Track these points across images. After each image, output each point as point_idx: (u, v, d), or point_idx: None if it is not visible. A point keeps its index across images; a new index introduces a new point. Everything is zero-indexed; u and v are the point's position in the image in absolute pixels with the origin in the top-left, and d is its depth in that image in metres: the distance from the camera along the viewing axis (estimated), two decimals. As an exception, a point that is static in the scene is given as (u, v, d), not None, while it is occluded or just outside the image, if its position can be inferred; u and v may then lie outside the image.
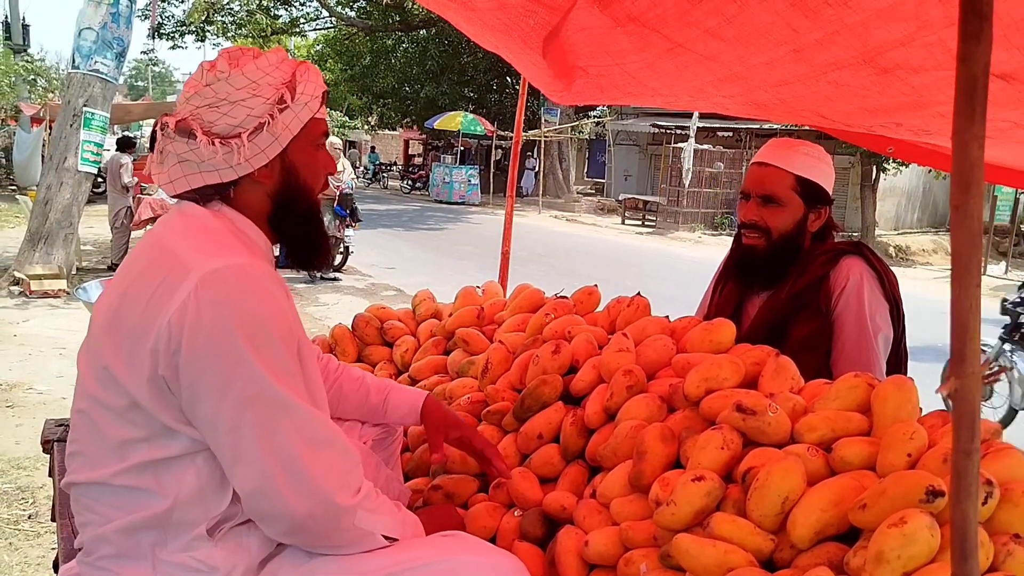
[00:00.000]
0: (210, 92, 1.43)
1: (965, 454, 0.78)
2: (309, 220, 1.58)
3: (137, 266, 1.46)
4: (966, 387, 0.77)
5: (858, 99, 1.84)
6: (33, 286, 8.94)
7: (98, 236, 13.96)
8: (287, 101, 1.45)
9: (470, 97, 30.36)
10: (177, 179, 1.46)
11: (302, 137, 1.50)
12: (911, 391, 1.54)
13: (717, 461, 1.54)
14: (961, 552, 0.80)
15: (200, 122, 1.43)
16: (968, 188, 0.75)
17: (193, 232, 1.44)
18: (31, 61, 29.80)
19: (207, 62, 1.48)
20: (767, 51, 1.57)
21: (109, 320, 1.41)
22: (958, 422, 0.78)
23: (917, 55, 1.45)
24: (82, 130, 9.47)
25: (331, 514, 1.37)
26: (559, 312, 2.29)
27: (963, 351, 0.77)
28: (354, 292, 10.64)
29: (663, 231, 21.76)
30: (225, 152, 1.42)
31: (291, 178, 1.52)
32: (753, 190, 2.30)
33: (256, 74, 1.44)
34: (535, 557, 1.70)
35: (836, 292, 2.24)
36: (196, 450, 1.38)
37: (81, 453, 1.46)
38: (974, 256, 0.76)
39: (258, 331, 1.33)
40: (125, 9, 9.59)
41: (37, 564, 3.49)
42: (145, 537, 1.39)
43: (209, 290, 1.32)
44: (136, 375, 1.35)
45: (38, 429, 2.56)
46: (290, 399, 1.35)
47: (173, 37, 27.32)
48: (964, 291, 0.77)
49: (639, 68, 1.85)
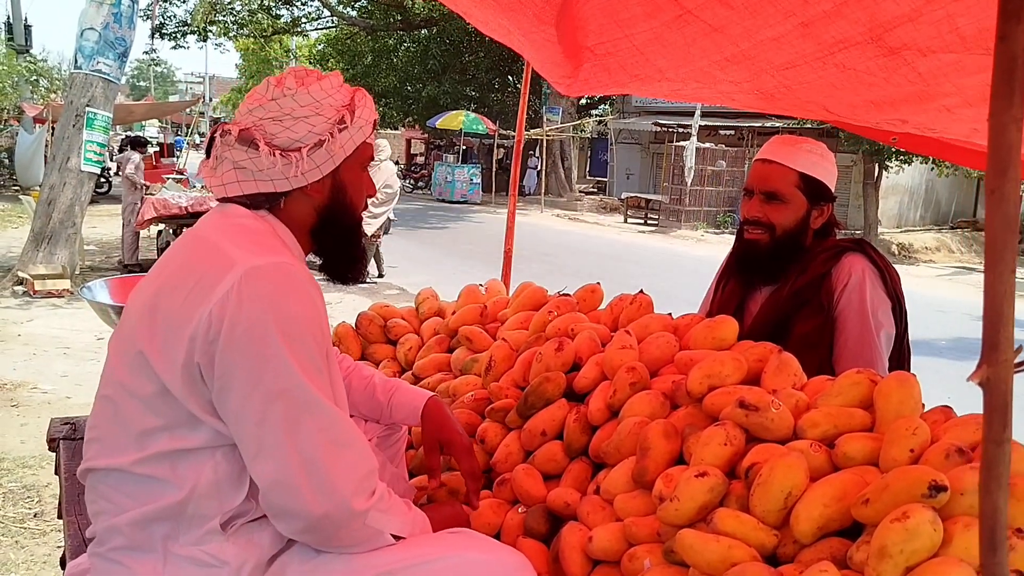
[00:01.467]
0: (275, 106, 1.50)
1: (996, 443, 0.77)
2: (350, 236, 1.65)
3: (177, 259, 1.51)
4: (998, 375, 0.75)
5: (864, 88, 1.84)
6: (37, 286, 8.96)
7: (101, 236, 13.98)
8: (347, 122, 1.53)
9: (472, 96, 30.34)
10: (230, 184, 1.52)
11: (353, 158, 1.58)
12: (913, 387, 1.54)
13: (720, 457, 1.54)
14: (990, 544, 0.78)
15: (263, 133, 1.50)
16: (1004, 171, 0.73)
17: (236, 231, 1.49)
18: (34, 61, 29.81)
19: (274, 78, 1.56)
20: (775, 24, 1.57)
21: (147, 308, 1.45)
22: (989, 412, 0.77)
23: (924, 33, 1.45)
24: (85, 130, 9.48)
25: (345, 517, 1.39)
26: (562, 310, 2.30)
27: (996, 338, 0.75)
28: (357, 291, 10.64)
29: (665, 229, 21.75)
30: (284, 164, 1.49)
31: (339, 195, 1.59)
32: (756, 187, 2.31)
33: (320, 94, 1.52)
34: (539, 553, 1.71)
35: (838, 289, 2.24)
36: (217, 444, 1.41)
37: (100, 439, 1.49)
38: (1010, 241, 0.74)
39: (294, 329, 1.37)
40: (127, 9, 9.60)
41: (43, 562, 3.50)
42: (158, 529, 1.41)
43: (251, 285, 1.37)
44: (170, 361, 1.39)
45: (43, 428, 2.57)
46: (318, 398, 1.39)
47: (175, 37, 27.38)
48: (998, 277, 0.75)
49: (647, 41, 1.84)
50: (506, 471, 1.95)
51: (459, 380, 2.30)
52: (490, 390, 2.14)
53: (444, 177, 27.51)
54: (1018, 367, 0.79)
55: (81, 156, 9.56)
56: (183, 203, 10.35)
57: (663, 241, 19.69)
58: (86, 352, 6.66)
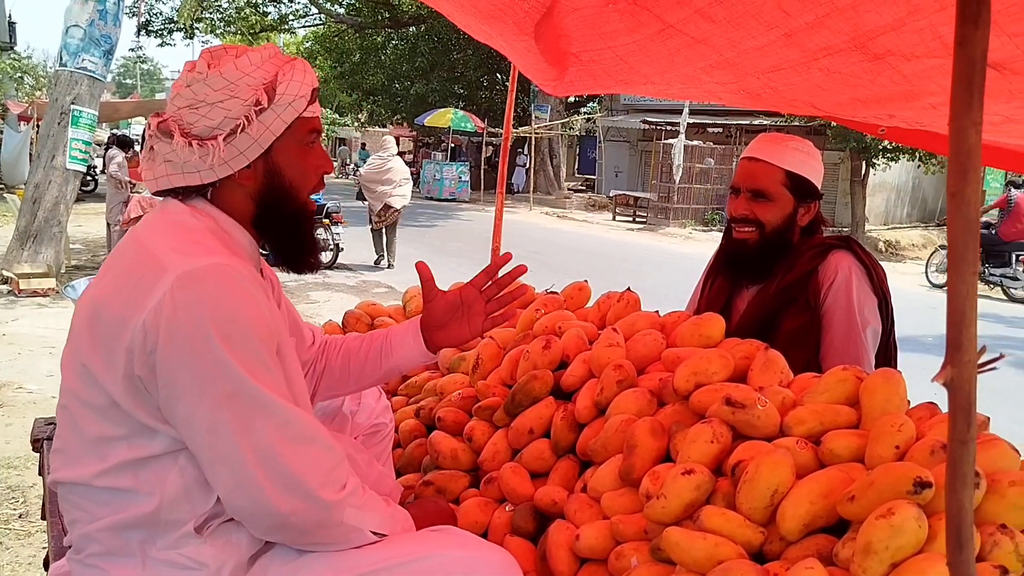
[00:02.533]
0: (190, 93, 1.42)
1: (961, 443, 0.78)
2: (295, 222, 1.56)
3: (117, 264, 1.45)
4: (962, 376, 0.76)
5: (850, 88, 1.84)
6: (22, 285, 8.89)
7: (87, 234, 13.89)
8: (264, 103, 1.43)
9: (460, 94, 30.30)
10: (160, 178, 1.46)
11: (287, 137, 1.48)
12: (899, 384, 1.55)
13: (707, 454, 1.54)
14: (956, 541, 0.79)
15: (180, 123, 1.42)
16: (965, 175, 0.73)
17: (172, 231, 1.42)
18: (18, 59, 29.61)
19: (189, 62, 1.46)
20: (758, 35, 1.57)
21: (88, 317, 1.41)
22: (954, 411, 0.78)
23: (908, 41, 1.45)
24: (70, 128, 9.42)
25: (316, 510, 1.36)
26: (549, 308, 2.30)
27: (959, 339, 0.76)
28: (345, 289, 10.62)
29: (654, 227, 21.78)
30: (201, 153, 1.41)
31: (275, 180, 1.49)
32: (743, 185, 2.31)
33: (234, 74, 1.42)
34: (526, 551, 1.71)
35: (825, 286, 2.25)
36: (177, 448, 1.37)
37: (62, 450, 1.45)
38: (971, 244, 0.75)
39: (234, 331, 1.32)
40: (113, 6, 9.54)
41: (28, 563, 3.47)
42: (134, 535, 1.39)
43: (184, 290, 1.31)
44: (113, 373, 1.34)
45: (28, 428, 2.55)
46: (269, 397, 1.34)
47: (161, 35, 27.22)
48: (960, 278, 0.76)
49: (631, 52, 1.85)
50: (493, 469, 1.94)
51: (446, 378, 2.30)
52: (477, 388, 2.13)
53: (432, 175, 27.46)
54: (981, 367, 0.80)
55: (66, 154, 9.49)
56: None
57: (651, 239, 19.73)
58: (72, 351, 6.59)
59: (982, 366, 0.82)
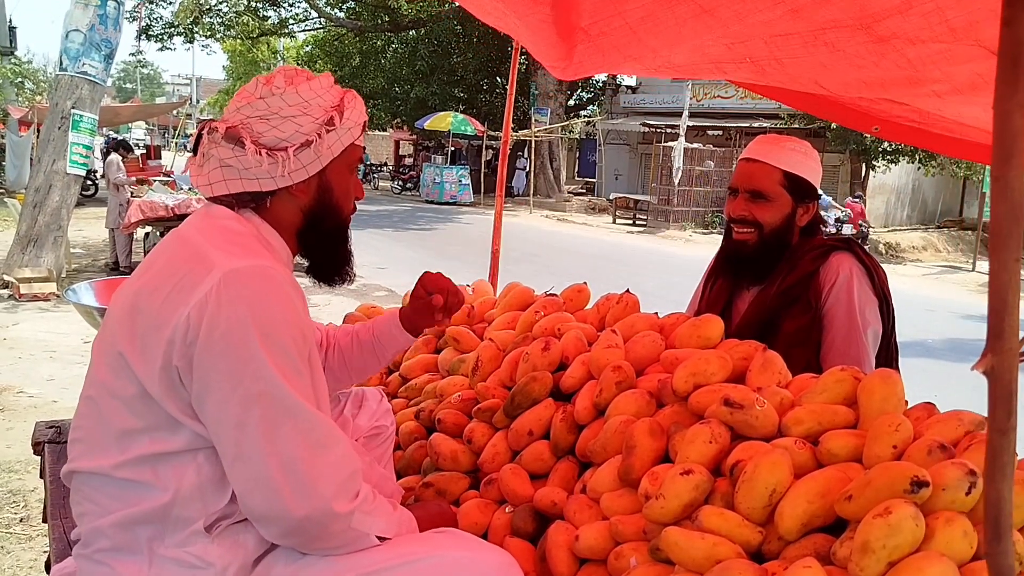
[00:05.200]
0: (263, 105, 1.49)
1: (1000, 433, 0.76)
2: (336, 238, 1.65)
3: (159, 260, 1.50)
4: (1003, 364, 0.74)
5: (855, 69, 1.84)
6: (23, 289, 8.89)
7: (88, 239, 13.90)
8: (335, 123, 1.52)
9: (460, 97, 30.33)
10: (216, 182, 1.51)
11: (341, 159, 1.57)
12: (896, 384, 1.55)
13: (705, 455, 1.55)
14: (995, 532, 0.77)
15: (250, 131, 1.49)
16: (1009, 159, 0.71)
17: (218, 232, 1.48)
18: (18, 64, 29.66)
19: (263, 76, 1.55)
20: (764, 10, 1.57)
21: (127, 309, 1.45)
22: (993, 400, 0.76)
23: (914, 24, 1.45)
24: (70, 132, 9.42)
25: (327, 519, 1.38)
26: (549, 310, 2.31)
27: (1000, 326, 0.74)
28: (345, 292, 10.62)
29: (654, 230, 21.79)
30: (270, 163, 1.48)
31: (326, 196, 1.58)
32: (741, 185, 2.32)
33: (309, 94, 1.51)
34: (526, 552, 1.71)
35: (826, 287, 2.25)
36: (198, 447, 1.40)
37: (83, 440, 1.48)
38: (1014, 230, 0.72)
39: (273, 332, 1.37)
40: (113, 11, 9.55)
41: (29, 567, 3.47)
42: (143, 531, 1.41)
43: (230, 288, 1.36)
44: (149, 363, 1.38)
45: (29, 432, 2.55)
46: (297, 401, 1.38)
47: (161, 39, 27.24)
48: (1003, 265, 0.74)
49: (640, 20, 1.84)
50: (493, 471, 1.95)
51: (446, 380, 2.31)
52: (477, 390, 2.14)
53: (432, 178, 27.48)
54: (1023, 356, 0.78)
55: (67, 159, 9.50)
56: (169, 204, 10.32)
57: (651, 241, 19.73)
58: (72, 356, 6.62)
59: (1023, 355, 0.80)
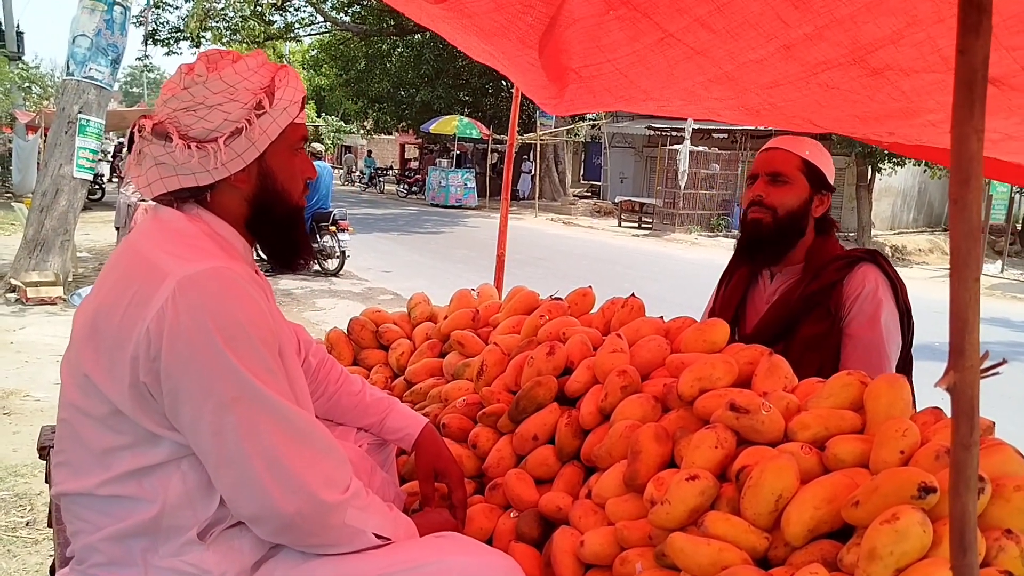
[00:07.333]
0: (187, 95, 1.43)
1: (964, 448, 0.78)
2: (288, 223, 1.58)
3: (113, 274, 1.46)
4: (965, 381, 0.77)
5: (849, 105, 1.85)
6: (29, 293, 8.92)
7: (94, 243, 13.94)
8: (265, 106, 1.45)
9: (465, 101, 30.37)
10: (154, 182, 1.46)
11: (280, 142, 1.50)
12: (903, 388, 1.54)
13: (711, 460, 1.54)
14: (960, 546, 0.80)
15: (177, 125, 1.43)
16: (967, 182, 0.74)
17: (168, 237, 1.43)
18: (26, 69, 29.80)
19: (185, 65, 1.47)
20: (757, 47, 1.57)
21: (87, 329, 1.41)
22: (957, 416, 0.78)
23: (907, 55, 1.46)
24: (77, 137, 9.45)
25: (319, 511, 1.37)
26: (554, 314, 2.30)
27: (962, 344, 0.77)
28: (351, 296, 10.63)
29: (659, 233, 21.77)
30: (201, 156, 1.42)
31: (269, 183, 1.52)
32: (762, 169, 2.40)
33: (234, 78, 1.44)
34: (531, 558, 1.71)
35: (851, 298, 2.28)
36: (181, 455, 1.38)
37: (67, 463, 1.46)
38: (973, 250, 0.76)
39: (237, 333, 1.33)
40: (119, 16, 9.58)
41: (35, 571, 3.48)
42: (136, 544, 1.39)
43: (186, 295, 1.32)
44: (117, 383, 1.35)
45: (35, 436, 2.55)
46: (272, 398, 1.36)
47: (168, 43, 27.30)
48: (963, 284, 0.77)
49: (630, 64, 1.85)
50: (498, 476, 1.94)
51: (451, 385, 2.30)
52: (482, 395, 2.13)
53: (438, 182, 27.51)
54: (984, 372, 0.80)
55: (74, 163, 9.53)
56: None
57: (657, 245, 19.71)
58: (79, 359, 6.61)
59: (985, 371, 0.82)
